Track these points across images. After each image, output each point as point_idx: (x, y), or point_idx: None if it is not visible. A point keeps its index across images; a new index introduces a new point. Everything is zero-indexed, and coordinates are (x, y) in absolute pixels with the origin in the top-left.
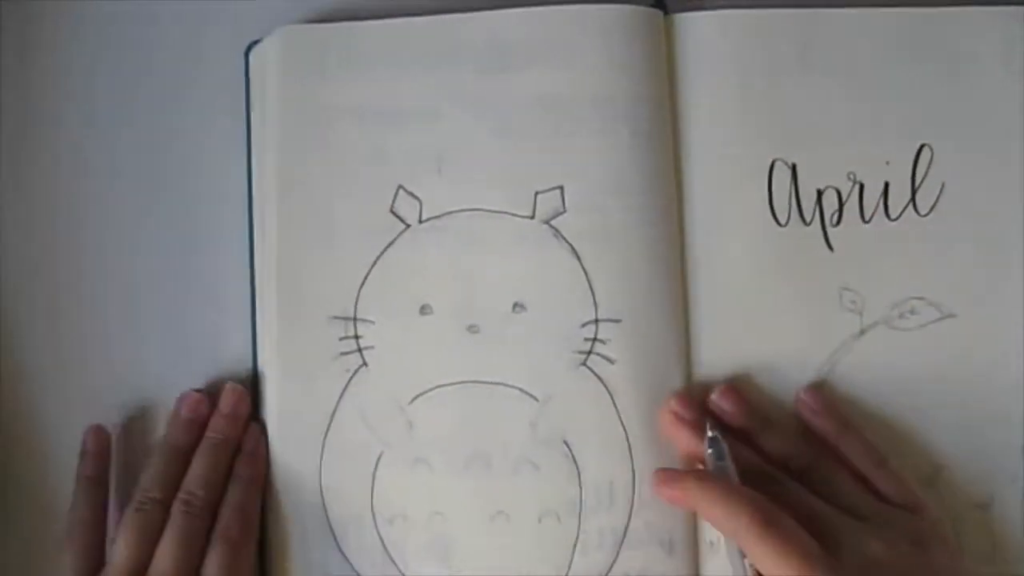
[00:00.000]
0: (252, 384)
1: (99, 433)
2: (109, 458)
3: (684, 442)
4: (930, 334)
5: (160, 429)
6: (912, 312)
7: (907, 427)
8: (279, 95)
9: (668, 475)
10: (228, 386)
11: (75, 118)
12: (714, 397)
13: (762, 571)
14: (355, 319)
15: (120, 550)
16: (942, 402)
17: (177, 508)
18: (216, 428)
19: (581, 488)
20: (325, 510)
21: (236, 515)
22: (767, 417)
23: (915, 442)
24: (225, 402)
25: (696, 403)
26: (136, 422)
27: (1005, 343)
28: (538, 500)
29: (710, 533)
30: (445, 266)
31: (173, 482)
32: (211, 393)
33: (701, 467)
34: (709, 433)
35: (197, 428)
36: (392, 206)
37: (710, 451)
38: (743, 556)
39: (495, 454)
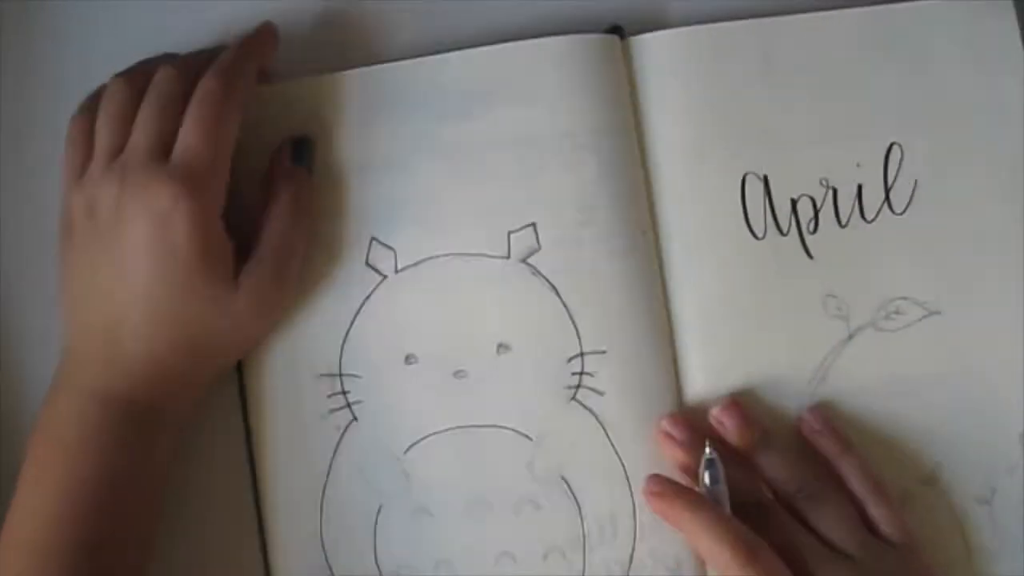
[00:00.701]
0: (246, 444)
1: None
2: (143, 86)
3: (678, 460)
4: (917, 333)
5: None
6: (898, 312)
7: (903, 427)
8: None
9: (660, 487)
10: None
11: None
12: (715, 412)
13: None
14: (341, 375)
15: (97, 138)
16: (936, 399)
17: (151, 85)
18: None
19: (583, 522)
20: (329, 568)
21: (218, 71)
22: (767, 435)
23: (912, 441)
24: (253, 34)
25: (687, 423)
26: None
27: (993, 334)
28: (542, 538)
29: None
30: (426, 314)
31: (146, 68)
32: None
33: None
34: (707, 454)
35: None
36: (367, 258)
37: (706, 472)
38: None
39: (495, 497)
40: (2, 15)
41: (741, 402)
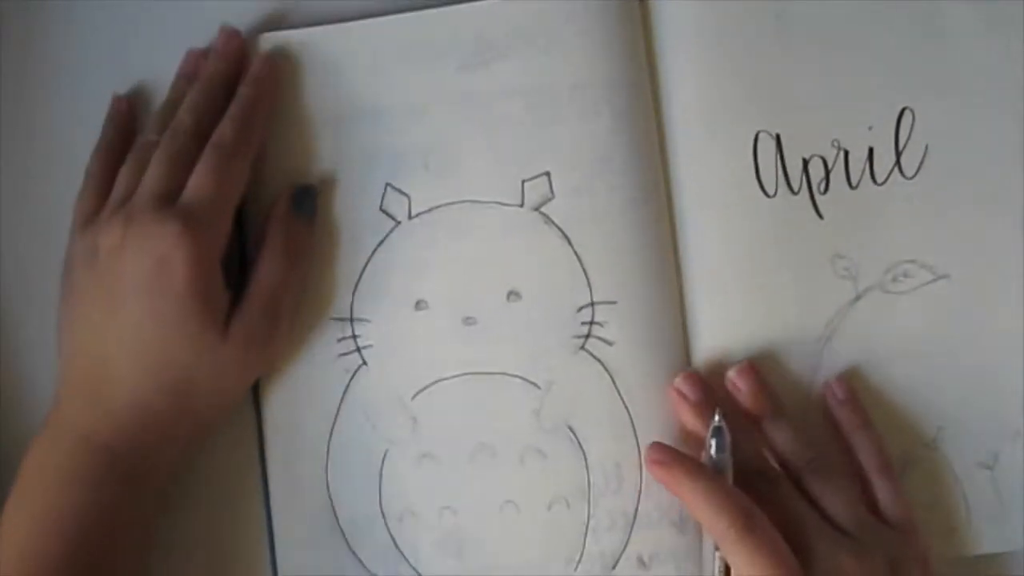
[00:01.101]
0: (252, 389)
1: (123, 100)
2: (130, 125)
3: (687, 422)
4: (925, 296)
5: None
6: (906, 275)
7: (907, 390)
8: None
9: (661, 455)
10: (222, 27)
11: (67, 121)
12: (731, 375)
13: (733, 570)
14: (352, 319)
15: (115, 187)
16: (941, 363)
17: (165, 135)
18: (210, 64)
19: (588, 472)
20: (334, 512)
21: (231, 124)
22: (779, 404)
23: (916, 404)
24: (219, 40)
25: (701, 383)
26: None
27: (1000, 300)
28: (546, 487)
29: None
30: (437, 260)
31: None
32: None
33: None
34: (716, 421)
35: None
36: (381, 204)
37: (712, 440)
38: (716, 550)
39: (500, 444)
40: (2, 15)
41: (757, 367)
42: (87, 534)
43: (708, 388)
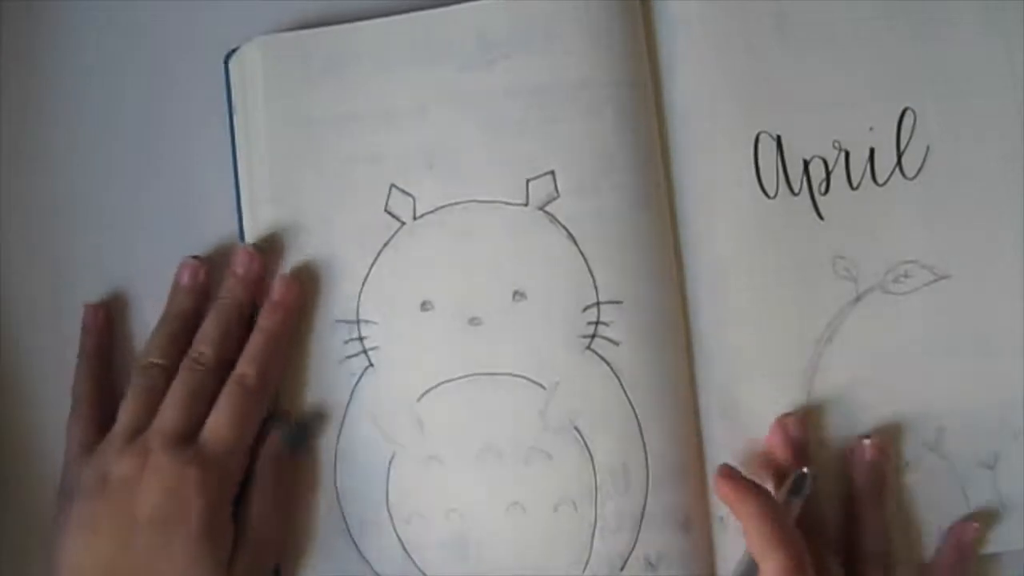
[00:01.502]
0: None
1: (98, 309)
2: (109, 332)
3: (775, 451)
4: (926, 296)
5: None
6: (906, 276)
7: (908, 390)
8: (264, 105)
9: (733, 478)
10: (241, 247)
11: (64, 123)
12: (860, 443)
13: None
14: (358, 321)
15: (123, 413)
16: (941, 363)
17: (183, 367)
18: (227, 289)
19: (595, 473)
20: (342, 514)
21: (251, 362)
22: (885, 492)
23: (917, 404)
24: (237, 262)
25: (806, 432)
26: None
27: (1001, 300)
28: (552, 489)
29: (720, 509)
30: (443, 260)
31: (177, 348)
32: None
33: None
34: (807, 471)
35: (200, 294)
36: (386, 205)
37: (794, 482)
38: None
39: (506, 445)
40: (2, 15)
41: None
42: None
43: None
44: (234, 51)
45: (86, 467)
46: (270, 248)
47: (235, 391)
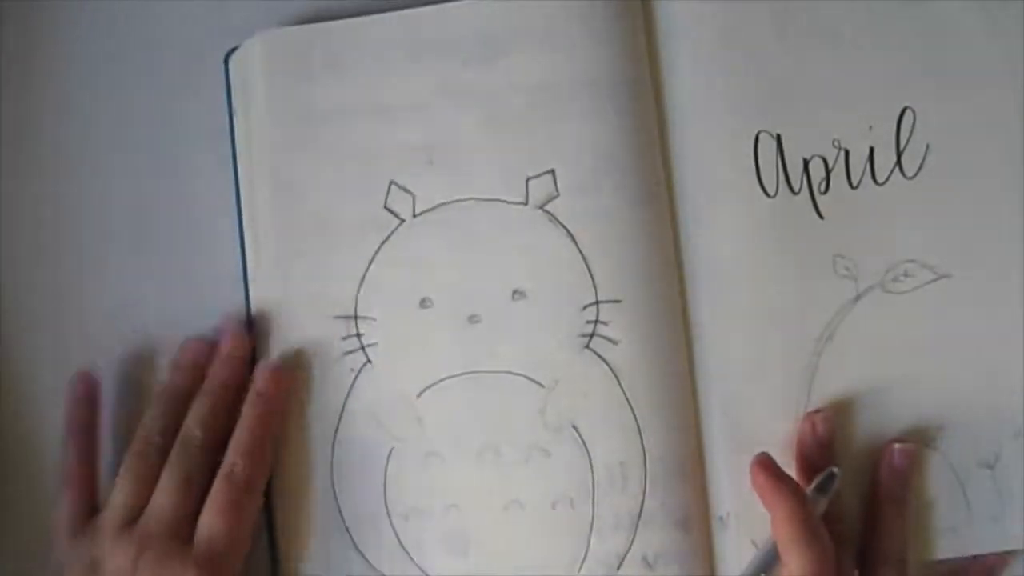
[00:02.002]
0: None
1: (86, 379)
2: (98, 405)
3: (804, 447)
4: (926, 295)
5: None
6: (906, 275)
7: (908, 389)
8: (265, 101)
9: (770, 468)
10: (231, 331)
11: (63, 123)
12: (892, 449)
13: None
14: (356, 317)
15: (117, 494)
16: (941, 362)
17: (174, 449)
18: (214, 371)
19: (593, 472)
20: (340, 510)
21: (239, 455)
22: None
23: (917, 404)
24: (224, 342)
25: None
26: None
27: (1001, 299)
28: (551, 487)
29: (719, 509)
30: (442, 258)
31: (173, 427)
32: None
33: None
34: (835, 471)
35: (198, 373)
36: (386, 202)
37: (822, 480)
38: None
39: (505, 443)
40: (2, 15)
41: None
42: None
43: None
44: (234, 50)
45: (79, 549)
46: (261, 319)
47: (226, 486)
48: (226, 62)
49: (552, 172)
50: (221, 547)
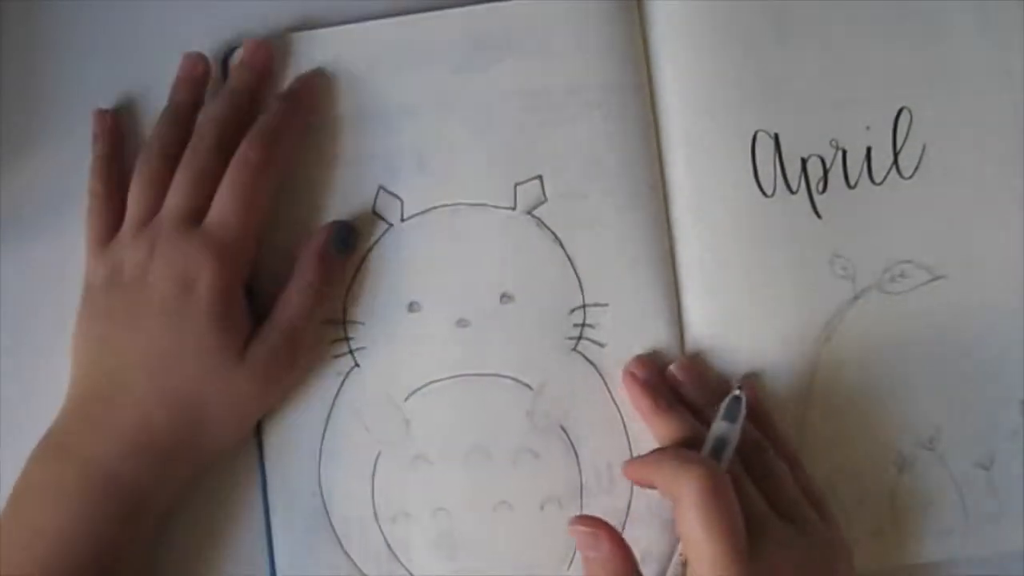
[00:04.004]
0: None
1: (106, 113)
2: (120, 136)
3: (639, 404)
4: (923, 296)
5: None
6: (903, 275)
7: (904, 389)
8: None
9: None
10: (249, 40)
11: (64, 123)
12: (672, 368)
13: (685, 540)
14: (344, 321)
15: (131, 202)
16: (938, 363)
17: (187, 150)
18: (234, 76)
19: (581, 473)
20: (327, 513)
21: (257, 139)
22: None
23: (913, 404)
24: (246, 53)
25: (654, 366)
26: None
27: (997, 300)
28: (539, 488)
29: None
30: (430, 262)
31: (179, 135)
32: None
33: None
34: (736, 391)
35: (199, 86)
36: (374, 206)
37: (726, 408)
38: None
39: (493, 445)
40: (2, 15)
41: (699, 365)
42: (82, 557)
43: (658, 373)
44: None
45: (102, 257)
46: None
47: (239, 170)
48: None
49: (540, 178)
50: (232, 227)
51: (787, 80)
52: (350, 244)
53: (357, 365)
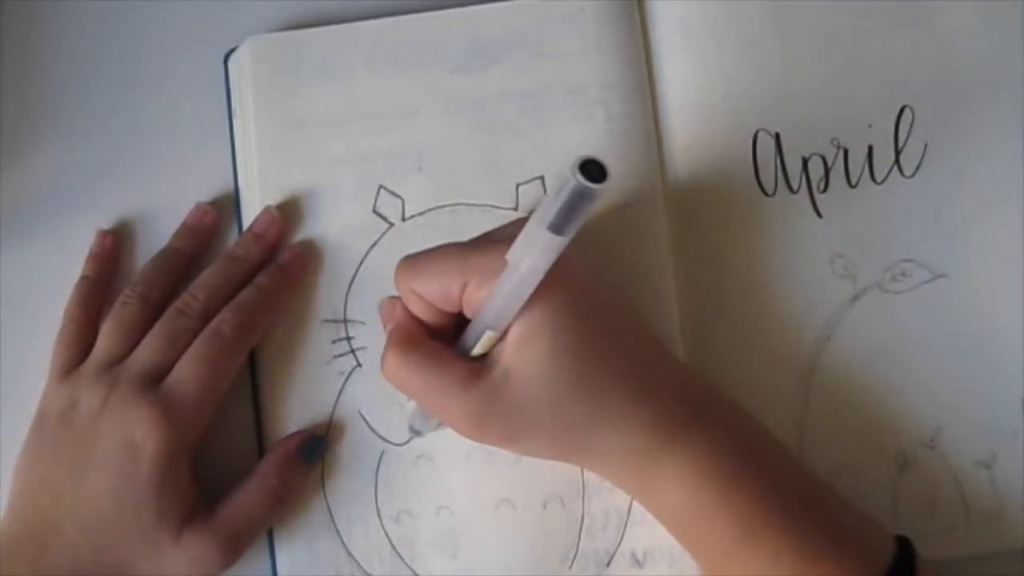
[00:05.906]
0: (250, 390)
1: (106, 237)
2: (114, 261)
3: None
4: (923, 295)
5: None
6: (904, 274)
7: (906, 389)
8: (256, 104)
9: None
10: (265, 208)
11: (64, 123)
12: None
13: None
14: (345, 321)
15: (101, 341)
16: (939, 362)
17: (171, 310)
18: (240, 243)
19: (583, 471)
20: (330, 513)
21: (235, 313)
22: None
23: (914, 403)
24: (258, 222)
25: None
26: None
27: (998, 299)
28: (541, 486)
29: None
30: None
31: (164, 282)
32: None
33: None
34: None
35: (201, 236)
36: (374, 206)
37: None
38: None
39: None
40: (2, 15)
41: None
42: None
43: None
44: (234, 50)
45: (60, 388)
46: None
47: (210, 339)
48: (226, 62)
49: (542, 179)
50: (189, 395)
51: (788, 79)
52: (316, 456)
53: (359, 365)
